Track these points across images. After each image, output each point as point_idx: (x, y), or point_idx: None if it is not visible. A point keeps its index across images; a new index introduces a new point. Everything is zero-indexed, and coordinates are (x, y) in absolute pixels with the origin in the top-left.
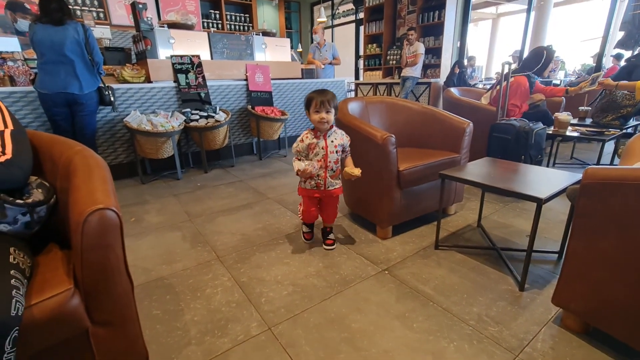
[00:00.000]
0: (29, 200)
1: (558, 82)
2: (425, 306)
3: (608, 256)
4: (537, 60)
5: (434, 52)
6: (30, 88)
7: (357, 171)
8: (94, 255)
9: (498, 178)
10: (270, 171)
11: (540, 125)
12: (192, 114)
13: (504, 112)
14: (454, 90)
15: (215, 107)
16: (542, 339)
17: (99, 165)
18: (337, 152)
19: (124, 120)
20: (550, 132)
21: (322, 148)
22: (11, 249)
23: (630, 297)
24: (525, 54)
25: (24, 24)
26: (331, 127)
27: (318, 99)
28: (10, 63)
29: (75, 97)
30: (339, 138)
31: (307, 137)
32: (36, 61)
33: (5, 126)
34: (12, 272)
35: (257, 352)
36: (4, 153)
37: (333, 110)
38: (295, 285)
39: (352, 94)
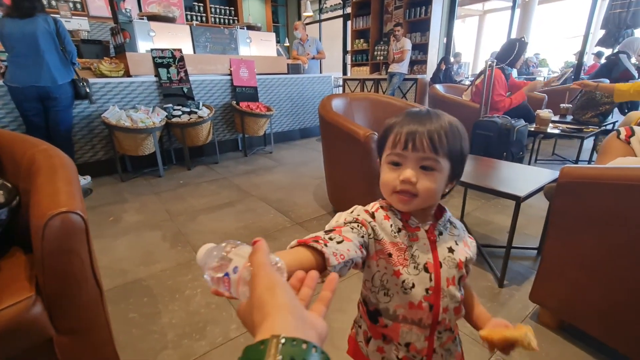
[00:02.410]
0: None
1: (541, 78)
2: None
3: (583, 255)
4: (510, 53)
5: (421, 48)
6: (0, 82)
7: (533, 340)
8: (56, 261)
9: (479, 175)
10: (255, 168)
11: (522, 122)
12: (174, 110)
13: (487, 109)
14: (438, 87)
15: (198, 103)
16: None
17: (63, 164)
18: (460, 279)
19: (102, 115)
20: (532, 129)
21: (425, 268)
22: None
23: (604, 295)
24: None
25: None
26: (440, 211)
27: (404, 130)
28: None
29: (48, 90)
30: (463, 242)
31: (380, 212)
32: (6, 55)
33: None
34: None
35: (236, 355)
36: None
37: (445, 167)
38: None
39: (340, 89)
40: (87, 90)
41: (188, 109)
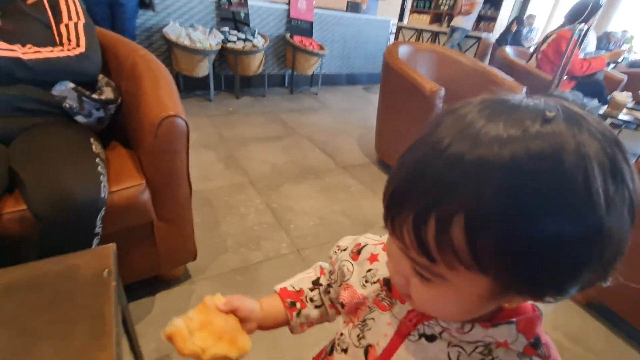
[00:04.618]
0: (103, 97)
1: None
2: None
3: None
4: (581, 12)
5: (493, 2)
6: None
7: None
8: (163, 158)
9: None
10: (301, 107)
11: (596, 102)
12: (230, 35)
13: (559, 81)
14: (508, 50)
15: (254, 31)
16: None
17: (162, 72)
18: None
19: (163, 30)
20: (602, 112)
21: (367, 351)
22: (91, 139)
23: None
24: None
25: None
26: (487, 320)
27: (389, 191)
28: None
29: None
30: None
31: (368, 250)
32: None
33: (78, 18)
34: (96, 160)
35: (286, 268)
36: (78, 45)
37: (464, 281)
38: (322, 218)
39: (392, 38)
40: None
41: (244, 36)
